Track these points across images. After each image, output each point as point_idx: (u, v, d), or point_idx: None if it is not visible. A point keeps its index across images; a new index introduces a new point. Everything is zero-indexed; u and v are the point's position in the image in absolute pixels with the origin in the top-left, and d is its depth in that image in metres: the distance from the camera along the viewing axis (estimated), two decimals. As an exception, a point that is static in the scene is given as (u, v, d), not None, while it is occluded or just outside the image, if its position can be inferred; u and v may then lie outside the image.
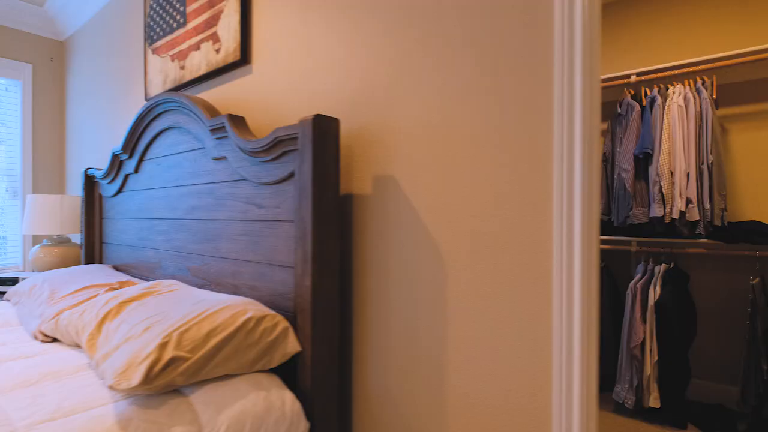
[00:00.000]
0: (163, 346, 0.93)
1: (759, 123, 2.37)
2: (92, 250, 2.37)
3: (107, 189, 2.26)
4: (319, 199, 1.13)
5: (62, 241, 2.66)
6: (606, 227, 2.67)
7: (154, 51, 2.08)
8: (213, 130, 1.50)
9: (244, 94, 1.66)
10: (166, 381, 0.91)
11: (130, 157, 2.05)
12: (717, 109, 2.47)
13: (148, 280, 1.95)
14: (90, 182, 2.37)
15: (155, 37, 2.06)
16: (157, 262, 1.89)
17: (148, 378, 0.87)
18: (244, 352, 1.05)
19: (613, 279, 2.76)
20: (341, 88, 1.32)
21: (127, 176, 2.11)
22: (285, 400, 1.05)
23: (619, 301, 2.65)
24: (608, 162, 2.66)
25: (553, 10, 0.90)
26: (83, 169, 2.42)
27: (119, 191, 2.18)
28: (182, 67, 1.90)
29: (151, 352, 0.91)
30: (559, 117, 0.89)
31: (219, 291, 1.55)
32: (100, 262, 2.37)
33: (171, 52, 1.96)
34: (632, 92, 2.52)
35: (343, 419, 1.31)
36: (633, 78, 2.51)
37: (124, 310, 1.25)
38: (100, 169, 2.30)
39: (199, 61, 1.80)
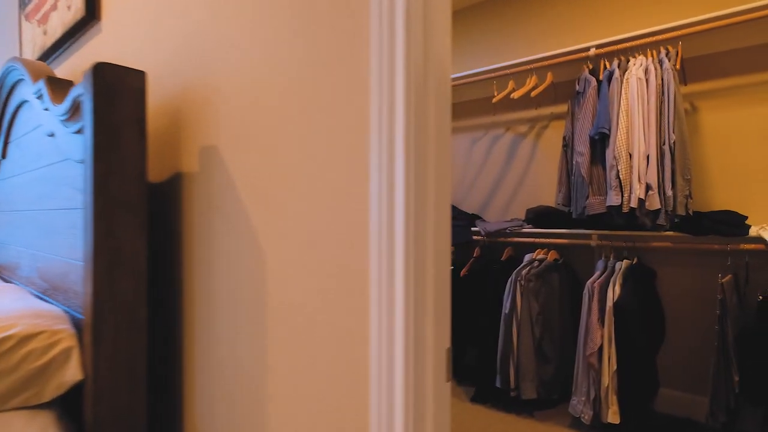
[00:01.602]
0: None
1: (732, 99, 2.09)
2: (-24, 249, 2.08)
3: (-15, 178, 1.98)
4: (105, 178, 0.85)
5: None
6: (569, 219, 2.39)
7: (26, 17, 1.79)
8: (38, 99, 1.22)
9: (97, 56, 1.38)
10: None
11: (-4, 140, 1.76)
12: (685, 85, 2.19)
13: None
14: (-28, 172, 2.08)
15: (27, 1, 1.78)
16: (18, 262, 1.61)
17: None
18: (-12, 384, 0.78)
19: (575, 277, 2.48)
20: (183, 43, 1.03)
21: (-2, 163, 1.83)
22: (42, 450, 0.77)
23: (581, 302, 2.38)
24: (568, 147, 2.38)
25: None
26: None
27: (-6, 180, 1.89)
28: (45, 33, 1.61)
29: None
30: (377, 97, 0.61)
31: (55, 296, 1.27)
32: (-16, 263, 2.09)
33: (37, 16, 1.68)
34: (591, 67, 2.24)
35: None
36: (592, 51, 2.23)
37: None
38: (-22, 156, 2.01)
39: (56, 23, 1.51)
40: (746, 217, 1.90)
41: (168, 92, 1.06)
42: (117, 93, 0.86)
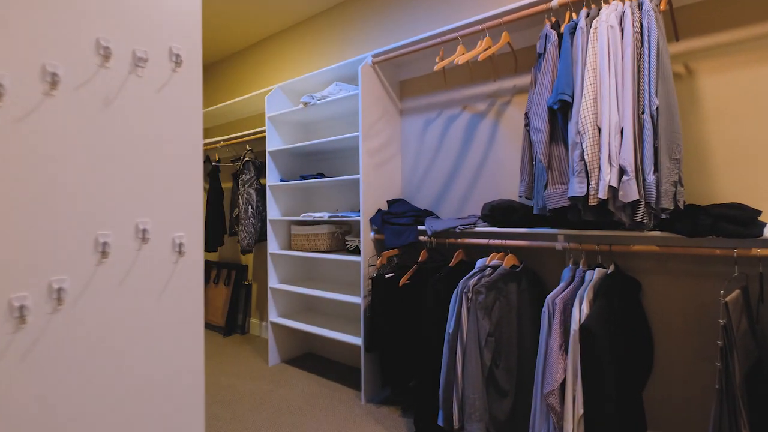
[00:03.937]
0: None
1: (739, 58, 1.57)
2: None
3: None
4: None
5: None
6: (534, 215, 1.90)
7: None
8: None
9: None
10: None
11: None
12: (677, 41, 1.69)
13: None
14: None
15: None
16: None
17: None
18: None
19: (541, 288, 1.99)
20: None
21: None
22: None
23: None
24: (529, 124, 1.89)
25: None
26: None
27: None
28: None
29: None
30: None
31: None
32: None
33: None
34: (554, 20, 1.75)
35: None
36: (556, 1, 1.74)
37: None
38: None
39: None
40: (760, 212, 1.39)
41: None
42: None
